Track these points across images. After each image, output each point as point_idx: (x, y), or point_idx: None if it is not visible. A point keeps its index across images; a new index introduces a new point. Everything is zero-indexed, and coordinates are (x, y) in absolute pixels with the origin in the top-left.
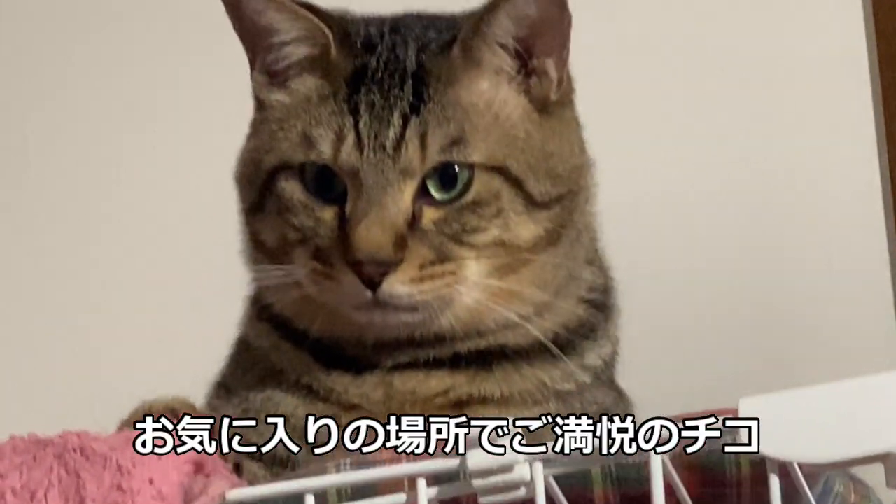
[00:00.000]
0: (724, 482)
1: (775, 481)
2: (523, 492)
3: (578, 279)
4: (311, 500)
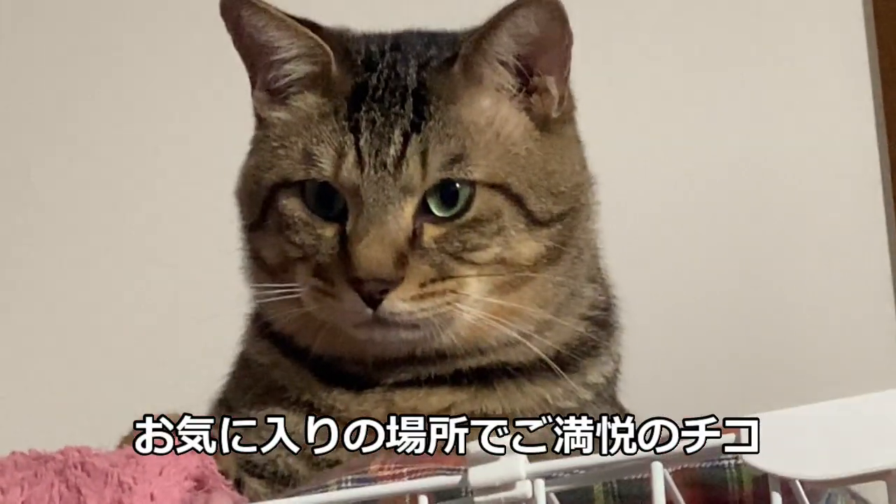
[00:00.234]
0: (727, 499)
1: (777, 499)
2: None
3: (580, 297)
4: None
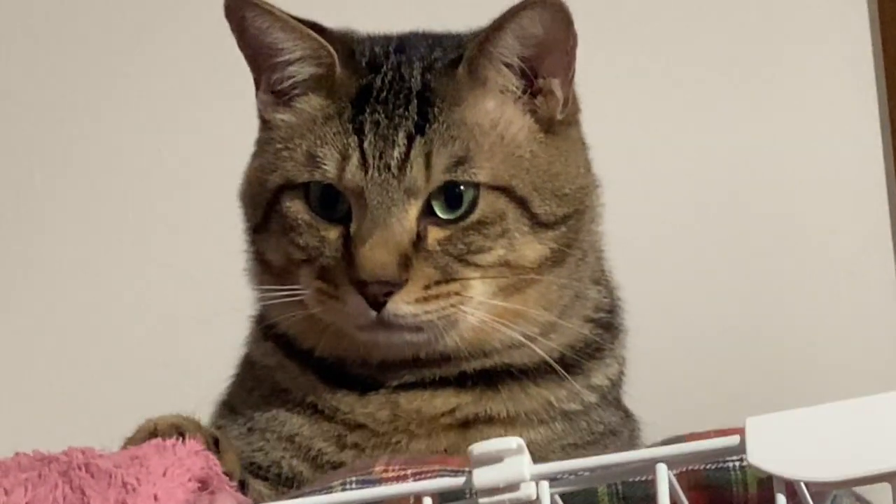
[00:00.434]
0: (731, 501)
1: (782, 500)
2: None
3: (585, 299)
4: None
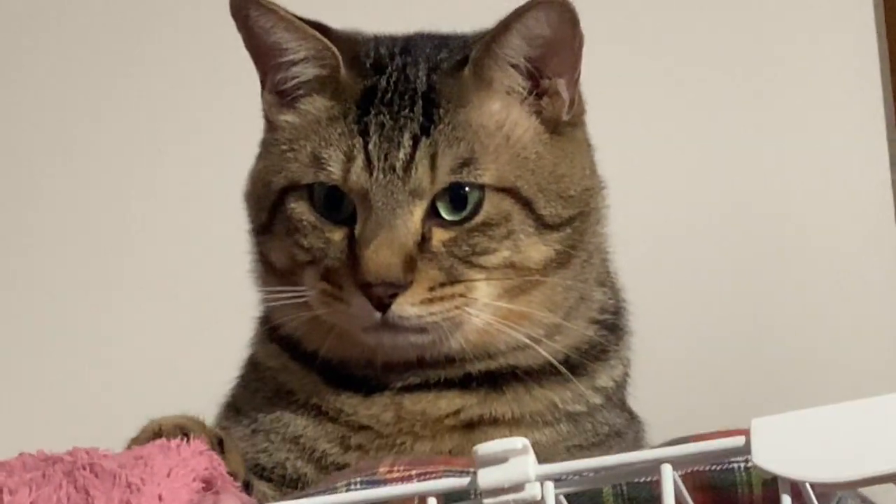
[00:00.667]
0: (736, 502)
1: (787, 501)
2: None
3: (589, 301)
4: None
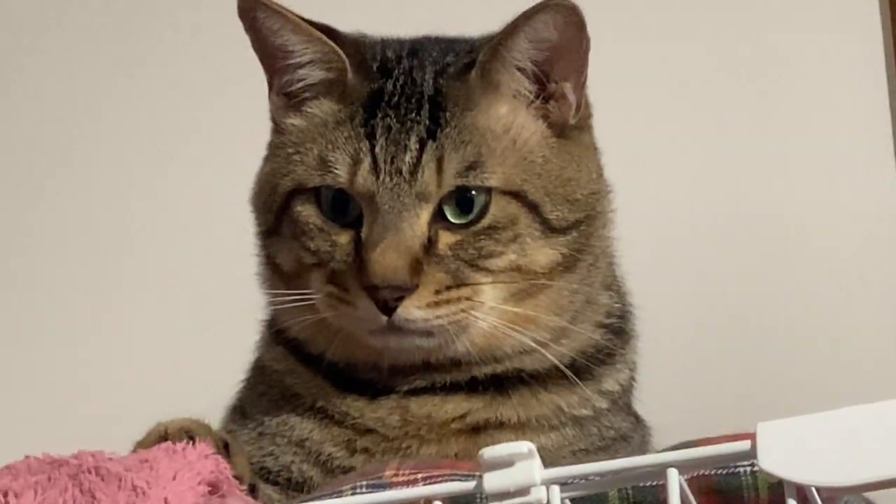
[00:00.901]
0: None
1: None
2: None
3: (596, 304)
4: None
